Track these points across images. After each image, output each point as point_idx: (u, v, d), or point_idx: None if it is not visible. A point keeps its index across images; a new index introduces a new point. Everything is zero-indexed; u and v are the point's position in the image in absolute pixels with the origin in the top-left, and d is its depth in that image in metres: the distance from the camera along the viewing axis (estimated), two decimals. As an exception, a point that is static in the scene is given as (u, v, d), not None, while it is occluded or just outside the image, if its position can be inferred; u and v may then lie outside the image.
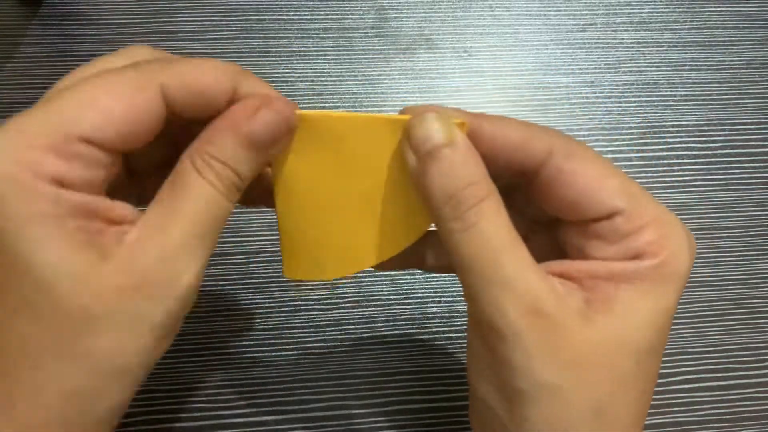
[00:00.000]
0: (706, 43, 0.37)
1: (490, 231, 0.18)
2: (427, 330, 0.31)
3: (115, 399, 0.17)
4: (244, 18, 0.36)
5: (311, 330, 0.30)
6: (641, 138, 0.35)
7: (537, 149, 0.19)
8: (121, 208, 0.18)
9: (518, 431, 0.18)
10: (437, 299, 0.32)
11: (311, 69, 0.35)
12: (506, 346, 0.17)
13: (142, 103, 0.17)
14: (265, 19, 0.36)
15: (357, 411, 0.29)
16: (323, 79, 0.35)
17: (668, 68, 0.37)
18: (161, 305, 0.17)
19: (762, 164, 0.35)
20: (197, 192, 0.18)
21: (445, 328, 0.31)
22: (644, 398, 0.19)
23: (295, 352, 0.30)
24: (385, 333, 0.31)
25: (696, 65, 0.37)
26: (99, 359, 0.16)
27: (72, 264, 0.16)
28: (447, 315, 0.31)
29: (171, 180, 0.18)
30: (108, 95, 0.17)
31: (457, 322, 0.31)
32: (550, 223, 0.21)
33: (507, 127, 0.19)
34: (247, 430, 0.29)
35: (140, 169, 0.22)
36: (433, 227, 0.20)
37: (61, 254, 0.16)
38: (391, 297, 0.31)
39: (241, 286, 0.31)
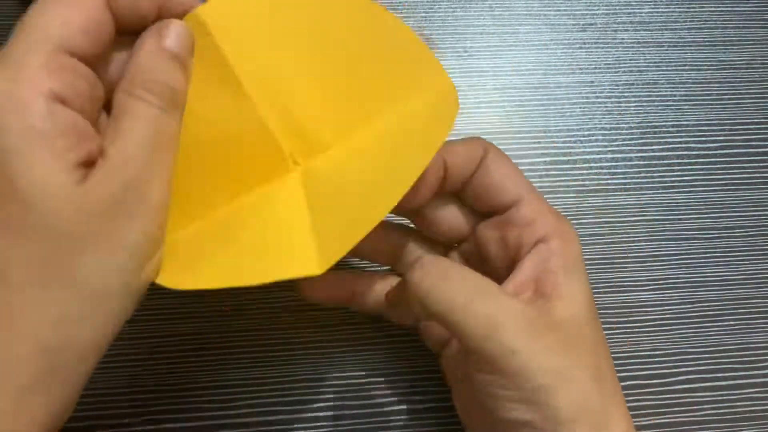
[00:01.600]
0: (706, 43, 0.37)
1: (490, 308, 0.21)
2: (427, 330, 0.31)
3: (99, 328, 0.18)
4: (244, 18, 0.36)
5: (311, 330, 0.30)
6: (641, 138, 0.35)
7: (477, 155, 0.25)
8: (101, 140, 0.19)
9: (555, 424, 0.20)
10: (437, 299, 0.31)
11: (311, 69, 0.35)
12: (518, 358, 0.20)
13: (94, 13, 0.18)
14: (265, 19, 0.36)
15: (357, 411, 0.29)
16: (323, 79, 0.35)
17: (668, 68, 0.37)
18: (136, 223, 0.18)
19: (762, 164, 0.35)
20: (139, 114, 0.19)
21: (445, 328, 0.31)
22: (605, 347, 0.23)
23: (295, 352, 0.30)
24: (385, 333, 0.31)
25: (696, 65, 0.37)
26: (81, 282, 0.17)
27: (57, 184, 0.17)
28: (447, 315, 0.31)
29: (114, 115, 0.19)
30: (69, 9, 0.18)
31: (457, 322, 0.31)
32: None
33: (457, 146, 0.25)
34: (247, 430, 0.29)
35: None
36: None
37: (48, 172, 0.16)
38: (391, 297, 0.31)
39: (240, 286, 0.31)
